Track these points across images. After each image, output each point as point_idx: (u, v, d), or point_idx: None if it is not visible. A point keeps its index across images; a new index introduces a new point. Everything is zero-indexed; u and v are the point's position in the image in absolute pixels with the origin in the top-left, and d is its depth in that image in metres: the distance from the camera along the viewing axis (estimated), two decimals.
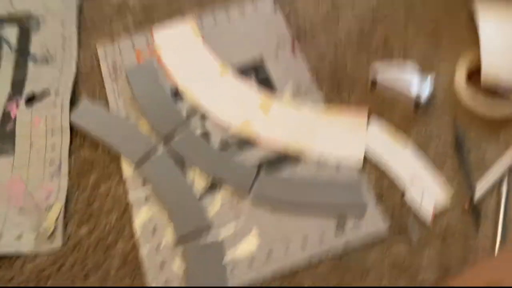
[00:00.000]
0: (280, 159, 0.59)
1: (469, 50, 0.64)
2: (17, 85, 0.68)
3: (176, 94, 0.66)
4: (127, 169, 0.60)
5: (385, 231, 0.53)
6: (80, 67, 0.69)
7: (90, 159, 0.62)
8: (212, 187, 0.58)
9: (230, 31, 0.70)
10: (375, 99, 0.63)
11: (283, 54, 0.68)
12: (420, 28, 0.68)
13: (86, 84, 0.68)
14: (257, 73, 0.66)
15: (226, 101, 0.65)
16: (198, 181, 0.59)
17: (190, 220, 0.55)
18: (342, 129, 0.61)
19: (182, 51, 0.69)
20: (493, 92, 0.60)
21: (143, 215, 0.57)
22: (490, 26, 0.63)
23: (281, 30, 0.70)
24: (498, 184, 0.55)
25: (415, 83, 0.60)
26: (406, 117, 0.61)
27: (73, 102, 0.66)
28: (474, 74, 0.62)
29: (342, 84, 0.65)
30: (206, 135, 0.62)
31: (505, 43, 0.62)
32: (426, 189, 0.55)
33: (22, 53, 0.71)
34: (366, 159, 0.58)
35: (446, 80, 0.63)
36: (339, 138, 0.60)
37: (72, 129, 0.63)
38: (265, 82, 0.66)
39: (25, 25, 0.74)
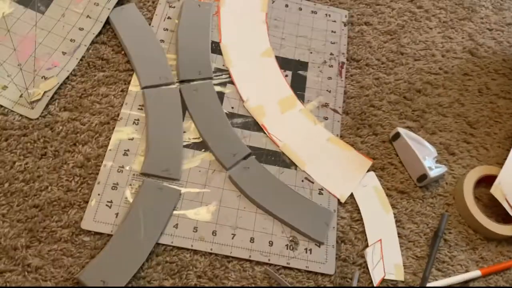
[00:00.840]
0: (274, 156, 0.59)
1: (494, 157, 0.64)
2: None
3: (216, 48, 0.65)
4: (134, 86, 0.59)
5: (330, 272, 0.52)
6: None
7: (107, 58, 0.61)
8: (200, 144, 0.57)
9: (295, 22, 0.70)
10: (389, 152, 0.62)
11: (329, 69, 0.67)
12: (461, 114, 0.67)
13: None
14: (295, 71, 0.66)
15: (253, 79, 0.64)
16: (191, 131, 0.58)
17: (163, 164, 0.54)
18: (343, 162, 0.60)
19: (242, 15, 0.69)
20: (497, 205, 0.59)
21: (123, 134, 0.56)
22: None
23: (340, 47, 0.69)
24: None
25: (431, 158, 0.59)
26: (405, 184, 0.60)
27: (122, 1, 0.65)
28: (486, 181, 0.61)
29: (367, 123, 0.64)
30: (221, 95, 0.61)
31: None
32: (386, 257, 0.54)
33: None
34: (351, 199, 0.58)
35: (458, 173, 0.62)
36: (336, 168, 0.59)
37: (107, 23, 0.63)
38: (298, 83, 0.65)
39: None
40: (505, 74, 0.73)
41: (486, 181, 0.61)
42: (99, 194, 0.52)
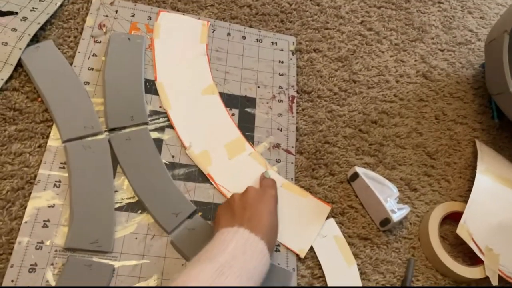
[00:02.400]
0: None
1: (456, 189, 0.61)
2: None
3: (151, 87, 0.57)
4: (55, 140, 0.51)
5: None
6: (65, 5, 0.60)
7: (20, 108, 0.52)
8: (136, 205, 0.50)
9: (239, 53, 0.63)
10: (348, 193, 0.57)
11: (279, 104, 0.61)
12: (420, 144, 0.63)
13: (61, 26, 0.58)
14: (242, 109, 0.59)
15: (196, 121, 0.57)
16: (125, 189, 0.50)
17: (91, 234, 0.46)
18: (299, 211, 0.54)
19: (179, 48, 0.61)
20: (464, 243, 0.55)
21: (42, 200, 0.47)
22: (485, 182, 0.59)
23: (289, 79, 0.63)
24: None
25: (393, 199, 0.55)
26: (368, 229, 0.55)
27: (37, 38, 0.56)
28: (451, 217, 0.58)
29: (323, 162, 0.58)
30: (160, 143, 0.54)
31: (491, 206, 0.58)
32: None
33: None
34: (311, 252, 0.52)
35: (422, 211, 0.59)
36: (293, 219, 0.53)
37: (19, 66, 0.54)
38: (247, 123, 0.58)
39: None
40: (460, 97, 0.70)
41: (451, 218, 0.58)
42: (12, 281, 0.43)
